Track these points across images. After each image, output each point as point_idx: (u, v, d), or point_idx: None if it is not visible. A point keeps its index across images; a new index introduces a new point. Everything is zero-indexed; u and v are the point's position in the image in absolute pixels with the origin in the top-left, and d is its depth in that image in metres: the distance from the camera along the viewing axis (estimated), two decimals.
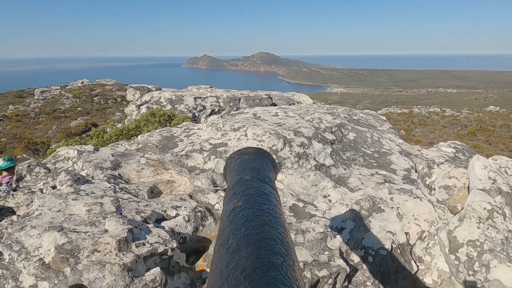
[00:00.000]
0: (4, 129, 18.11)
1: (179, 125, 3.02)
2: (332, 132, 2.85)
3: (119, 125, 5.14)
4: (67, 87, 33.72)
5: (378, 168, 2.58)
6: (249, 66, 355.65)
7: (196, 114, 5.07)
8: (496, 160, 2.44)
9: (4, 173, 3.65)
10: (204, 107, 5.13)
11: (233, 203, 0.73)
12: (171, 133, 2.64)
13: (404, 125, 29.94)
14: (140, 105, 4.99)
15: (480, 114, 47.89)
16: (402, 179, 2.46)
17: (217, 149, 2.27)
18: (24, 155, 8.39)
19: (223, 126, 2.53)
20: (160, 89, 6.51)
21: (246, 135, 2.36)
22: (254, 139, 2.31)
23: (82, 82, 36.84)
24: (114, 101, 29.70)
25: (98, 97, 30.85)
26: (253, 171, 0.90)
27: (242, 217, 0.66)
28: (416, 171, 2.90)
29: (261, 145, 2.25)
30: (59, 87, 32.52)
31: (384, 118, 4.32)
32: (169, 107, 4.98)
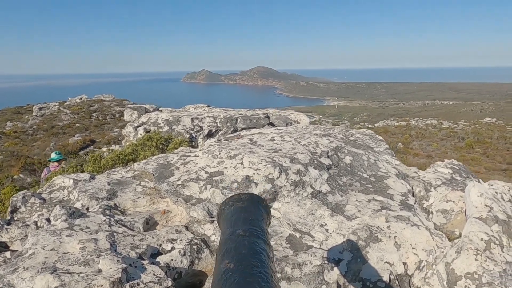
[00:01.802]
0: (1, 146, 18.06)
1: (175, 150, 3.02)
2: (328, 157, 2.86)
3: (116, 147, 5.14)
4: (65, 103, 33.80)
5: (375, 193, 2.58)
6: (247, 81, 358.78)
7: (193, 134, 5.08)
8: (492, 185, 2.44)
9: (56, 163, 5.18)
10: (202, 128, 5.15)
11: (225, 264, 0.73)
12: (167, 160, 2.64)
13: (401, 138, 30.05)
14: (138, 126, 5.00)
15: (477, 125, 48.21)
16: (399, 205, 2.45)
17: (213, 178, 2.27)
18: (21, 175, 8.35)
19: (219, 153, 2.53)
20: (158, 109, 6.54)
21: (242, 163, 2.36)
22: (250, 167, 2.31)
23: (81, 98, 36.94)
24: (112, 116, 29.76)
25: (97, 113, 30.91)
26: (246, 223, 0.90)
27: (233, 283, 0.65)
28: (413, 195, 2.90)
29: (257, 173, 2.25)
30: (57, 103, 32.61)
31: (380, 138, 4.35)
32: (166, 128, 4.99)
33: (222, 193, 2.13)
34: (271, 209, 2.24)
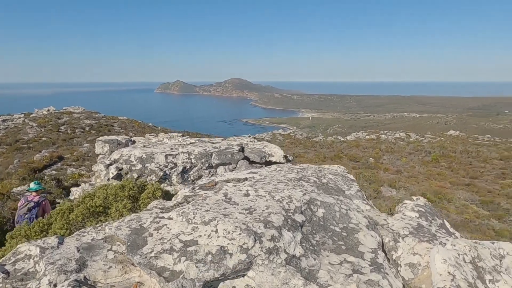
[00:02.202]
0: None
1: (149, 206, 2.98)
2: (301, 212, 2.92)
3: (87, 186, 4.96)
4: (31, 115, 32.32)
5: (347, 251, 2.66)
6: (221, 92, 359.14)
7: (167, 172, 5.02)
8: (454, 245, 2.58)
9: (34, 193, 5.24)
10: (176, 164, 5.10)
11: None
12: (140, 223, 2.59)
13: (373, 152, 31.03)
14: (109, 164, 4.88)
15: (442, 138, 50.57)
16: (369, 265, 2.53)
17: (188, 249, 2.26)
18: None
19: (194, 217, 2.52)
20: (131, 140, 6.41)
21: (216, 231, 2.37)
22: (225, 236, 2.31)
23: (48, 110, 35.46)
24: (82, 130, 28.74)
25: (65, 126, 29.81)
26: None
27: None
28: (383, 247, 3.01)
29: (232, 243, 2.26)
30: (22, 115, 31.11)
31: (351, 177, 4.48)
32: (139, 166, 4.90)
33: (196, 266, 2.12)
34: (246, 277, 2.26)
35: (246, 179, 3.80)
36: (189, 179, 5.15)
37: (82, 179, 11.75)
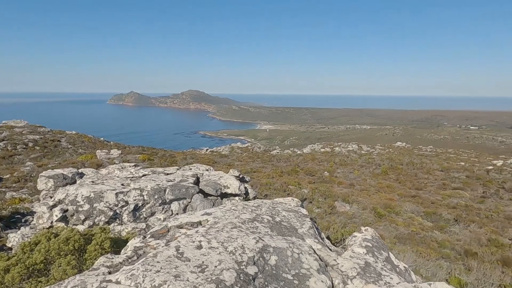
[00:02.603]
0: None
1: (95, 265, 2.83)
2: (254, 263, 2.95)
3: (27, 230, 4.56)
4: None
5: None
6: (178, 104, 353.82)
7: (117, 211, 4.81)
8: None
9: None
10: (127, 202, 4.91)
11: None
12: (84, 287, 2.46)
13: (327, 166, 32.13)
14: (53, 206, 4.57)
15: (390, 150, 53.77)
16: None
17: None
18: None
19: (143, 281, 2.45)
20: (79, 172, 6.07)
21: None
22: None
23: None
24: (24, 146, 26.71)
25: (5, 142, 27.68)
26: None
27: None
28: None
29: None
30: None
31: (304, 212, 4.61)
32: (87, 206, 4.65)
33: None
34: None
35: (200, 223, 3.77)
36: (141, 216, 4.98)
37: (23, 205, 10.88)
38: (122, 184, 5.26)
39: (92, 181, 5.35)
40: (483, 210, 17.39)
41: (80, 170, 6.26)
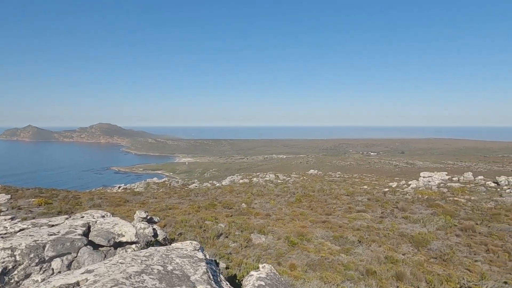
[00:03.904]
0: None
1: None
2: None
3: None
4: None
5: None
6: (87, 138, 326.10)
7: None
8: None
9: None
10: None
11: None
12: None
13: (245, 197, 32.46)
14: None
15: (304, 177, 56.95)
16: None
17: None
18: None
19: None
20: None
21: None
22: None
23: None
24: None
25: None
26: None
27: None
28: None
29: None
30: None
31: (200, 256, 4.47)
32: None
33: None
34: None
35: (77, 283, 3.35)
36: (12, 280, 4.24)
37: None
38: None
39: None
40: (382, 230, 19.28)
41: None
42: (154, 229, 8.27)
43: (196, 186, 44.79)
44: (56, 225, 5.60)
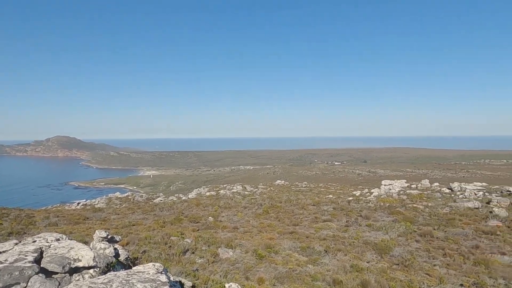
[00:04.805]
0: None
1: None
2: None
3: None
4: None
5: None
6: (42, 152, 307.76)
7: None
8: None
9: None
10: None
11: None
12: None
13: (212, 210, 31.96)
14: None
15: (271, 188, 57.17)
16: None
17: None
18: None
19: None
20: None
21: None
22: None
23: None
24: None
25: None
26: None
27: None
28: None
29: None
30: None
31: (163, 280, 4.29)
32: None
33: None
34: None
35: None
36: None
37: None
38: None
39: None
40: (347, 238, 19.71)
41: None
42: (115, 248, 7.90)
43: (161, 200, 43.56)
44: (4, 252, 5.16)
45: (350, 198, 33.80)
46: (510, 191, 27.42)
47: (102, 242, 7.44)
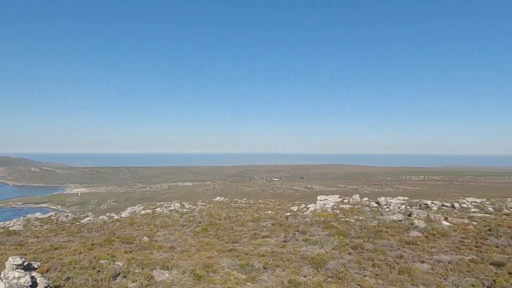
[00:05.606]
0: None
1: None
2: None
3: None
4: None
5: None
6: None
7: None
8: None
9: None
10: None
11: None
12: None
13: (147, 230, 30.27)
14: None
15: (211, 205, 56.15)
16: None
17: None
18: None
19: None
20: None
21: None
22: None
23: None
24: None
25: None
26: None
27: None
28: None
29: None
30: None
31: None
32: None
33: None
34: None
35: None
36: None
37: None
38: None
39: None
40: (285, 254, 20.01)
41: None
42: (33, 277, 7.03)
43: (90, 220, 40.18)
44: None
45: (288, 214, 34.58)
46: (427, 205, 30.46)
47: (17, 270, 6.57)
